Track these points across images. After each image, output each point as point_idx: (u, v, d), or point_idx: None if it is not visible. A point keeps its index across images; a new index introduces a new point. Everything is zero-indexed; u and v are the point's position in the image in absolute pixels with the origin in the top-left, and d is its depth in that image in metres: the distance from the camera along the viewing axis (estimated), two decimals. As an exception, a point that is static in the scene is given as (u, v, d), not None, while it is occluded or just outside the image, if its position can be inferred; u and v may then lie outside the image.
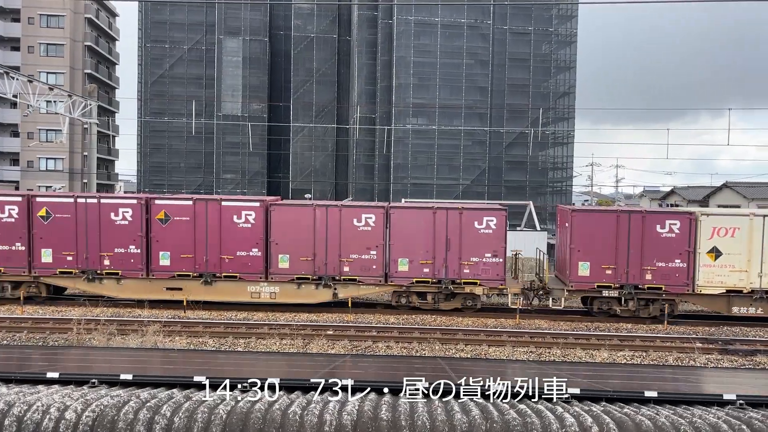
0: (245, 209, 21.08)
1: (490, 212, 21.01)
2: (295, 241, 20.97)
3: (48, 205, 21.40)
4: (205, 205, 21.10)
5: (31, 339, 17.26)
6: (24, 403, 6.04)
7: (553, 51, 52.62)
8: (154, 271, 21.20)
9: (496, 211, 21.08)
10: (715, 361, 16.38)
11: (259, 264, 21.03)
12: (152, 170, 53.95)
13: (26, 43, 55.20)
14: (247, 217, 21.03)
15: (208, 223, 21.02)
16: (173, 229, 21.04)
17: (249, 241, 21.00)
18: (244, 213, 21.05)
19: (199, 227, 21.08)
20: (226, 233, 21.01)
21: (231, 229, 20.99)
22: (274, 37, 54.01)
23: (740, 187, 46.90)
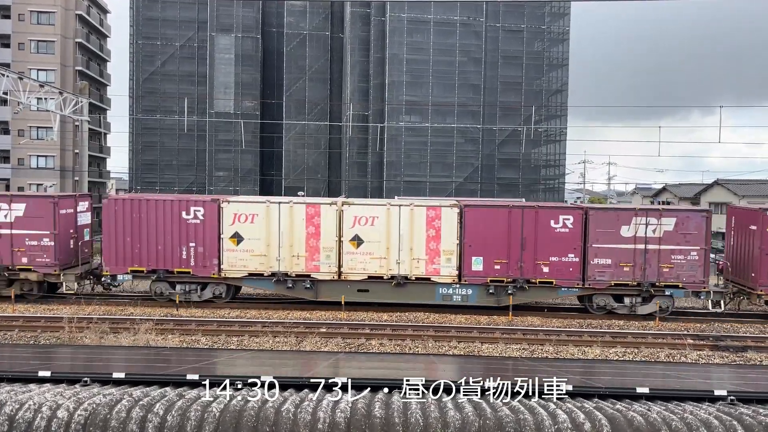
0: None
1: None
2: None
3: None
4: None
5: (23, 337, 17.18)
6: (16, 401, 6.02)
7: (546, 48, 52.72)
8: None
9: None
10: (706, 357, 16.48)
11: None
12: (144, 168, 53.72)
13: (17, 40, 54.81)
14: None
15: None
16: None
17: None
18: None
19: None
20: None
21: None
22: (266, 35, 53.86)
23: (731, 185, 47.18)
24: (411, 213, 20.86)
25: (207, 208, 20.97)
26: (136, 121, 53.13)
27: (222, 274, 21.06)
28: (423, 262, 20.88)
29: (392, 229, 20.86)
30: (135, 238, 20.95)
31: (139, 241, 20.94)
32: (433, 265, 20.89)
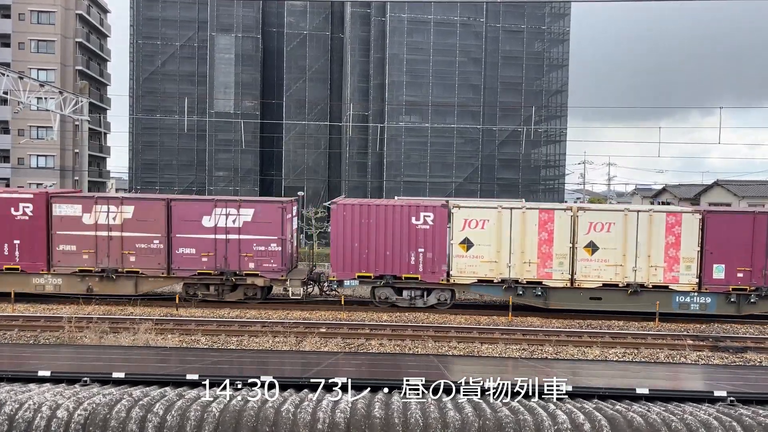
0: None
1: None
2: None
3: None
4: None
5: (23, 337, 17.18)
6: (15, 401, 6.01)
7: (546, 49, 52.75)
8: None
9: None
10: (706, 358, 16.49)
11: None
12: (144, 168, 53.74)
13: (17, 40, 54.81)
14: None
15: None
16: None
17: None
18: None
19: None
20: None
21: None
22: (266, 35, 53.87)
23: (731, 185, 47.20)
24: (649, 219, 20.38)
25: (437, 214, 20.75)
26: (136, 120, 53.14)
27: (450, 280, 20.90)
28: (661, 269, 20.45)
29: (629, 236, 20.42)
30: (363, 244, 20.79)
31: (367, 246, 20.79)
32: (672, 272, 20.46)
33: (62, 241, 21.23)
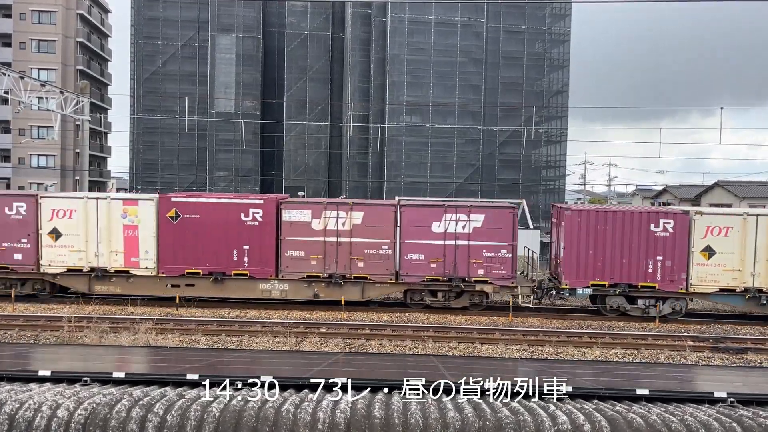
0: None
1: None
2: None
3: None
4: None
5: (23, 337, 17.18)
6: (16, 401, 6.02)
7: (547, 49, 52.72)
8: None
9: None
10: (706, 359, 16.48)
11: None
12: (145, 167, 53.76)
13: (18, 40, 54.84)
14: None
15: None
16: None
17: None
18: None
19: None
20: None
21: None
22: (267, 35, 53.87)
23: (732, 186, 47.18)
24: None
25: (678, 221, 20.41)
26: (137, 120, 53.16)
27: (690, 289, 20.57)
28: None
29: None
30: (598, 251, 20.51)
31: (602, 254, 20.52)
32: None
33: (291, 247, 21.05)
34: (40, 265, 21.36)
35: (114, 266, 21.32)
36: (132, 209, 21.26)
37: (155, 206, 21.19)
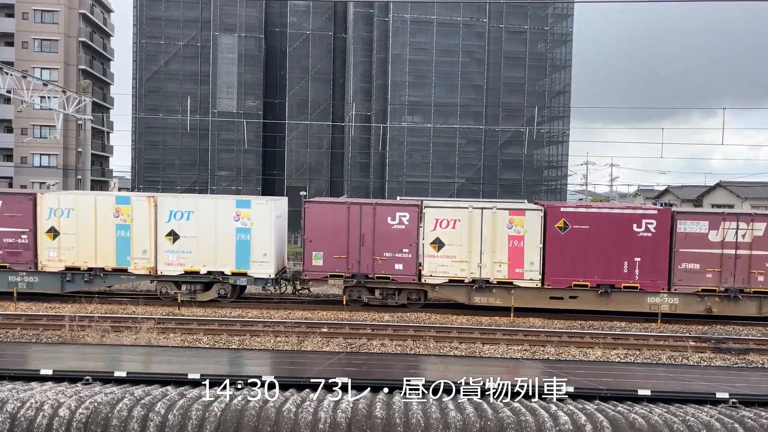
0: None
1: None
2: None
3: None
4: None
5: (25, 336, 17.20)
6: (17, 399, 6.02)
7: (549, 50, 52.72)
8: None
9: None
10: (708, 359, 16.45)
11: None
12: (147, 167, 53.83)
13: (20, 39, 54.92)
14: None
15: None
16: None
17: None
18: None
19: None
20: None
21: None
22: (269, 34, 53.92)
23: (734, 187, 47.13)
24: None
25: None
26: (139, 120, 53.23)
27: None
28: None
29: None
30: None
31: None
32: None
33: (685, 259, 20.58)
34: (421, 275, 21.01)
35: (497, 277, 20.91)
36: (518, 219, 20.85)
37: (542, 216, 20.81)
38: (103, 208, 21.10)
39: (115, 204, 21.22)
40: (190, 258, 21.03)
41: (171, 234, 20.98)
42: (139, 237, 21.03)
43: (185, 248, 20.96)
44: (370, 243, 20.84)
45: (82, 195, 22.74)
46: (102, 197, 22.06)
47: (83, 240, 21.04)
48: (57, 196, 21.60)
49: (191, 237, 20.95)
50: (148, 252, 21.02)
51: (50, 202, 21.13)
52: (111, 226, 21.05)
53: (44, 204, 21.11)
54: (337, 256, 20.87)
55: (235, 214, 21.01)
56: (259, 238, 20.97)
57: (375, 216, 20.93)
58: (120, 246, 21.07)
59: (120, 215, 21.04)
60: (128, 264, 21.14)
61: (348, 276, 21.03)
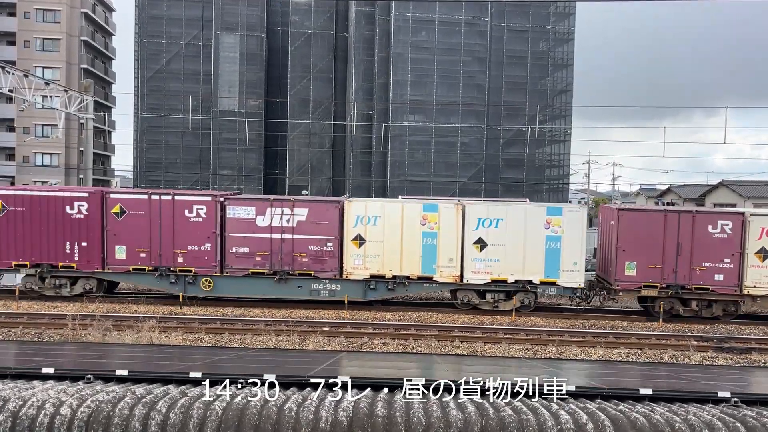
0: None
1: None
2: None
3: None
4: None
5: (27, 334, 17.23)
6: (19, 398, 6.03)
7: (551, 48, 52.63)
8: None
9: None
10: (710, 358, 16.44)
11: None
12: (148, 166, 53.83)
13: (22, 38, 54.95)
14: None
15: None
16: None
17: None
18: None
19: None
20: None
21: None
22: (271, 33, 53.90)
23: (736, 186, 47.05)
24: None
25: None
26: (141, 119, 53.22)
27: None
28: None
29: None
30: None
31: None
32: None
33: None
34: (743, 287, 20.67)
35: None
36: None
37: None
38: (410, 216, 20.89)
39: (422, 211, 20.96)
40: (498, 266, 20.74)
41: (478, 242, 20.79)
42: (445, 245, 20.79)
43: (493, 256, 20.72)
44: (688, 252, 20.44)
45: (390, 202, 22.83)
46: (409, 204, 21.65)
47: (389, 248, 20.85)
48: (364, 204, 21.51)
49: (499, 245, 20.69)
50: (455, 260, 20.80)
51: (357, 209, 20.98)
52: (417, 233, 20.85)
53: (351, 211, 20.94)
54: (652, 266, 20.53)
55: (546, 221, 20.70)
56: (569, 245, 20.61)
57: (694, 224, 20.50)
58: (426, 254, 20.87)
59: (427, 222, 20.85)
60: (434, 272, 20.92)
61: (663, 286, 20.68)
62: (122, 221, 21.02)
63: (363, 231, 20.89)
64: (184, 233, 20.98)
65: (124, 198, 21.39)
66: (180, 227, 20.97)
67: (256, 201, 21.52)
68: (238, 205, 21.22)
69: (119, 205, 21.08)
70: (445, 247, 20.80)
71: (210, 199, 21.12)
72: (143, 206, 21.06)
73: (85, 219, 21.05)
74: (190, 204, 21.07)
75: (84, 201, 21.08)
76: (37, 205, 21.00)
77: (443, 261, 20.85)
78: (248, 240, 21.06)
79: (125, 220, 21.03)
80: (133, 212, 21.01)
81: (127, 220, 21.04)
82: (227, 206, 21.05)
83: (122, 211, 21.05)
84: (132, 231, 21.07)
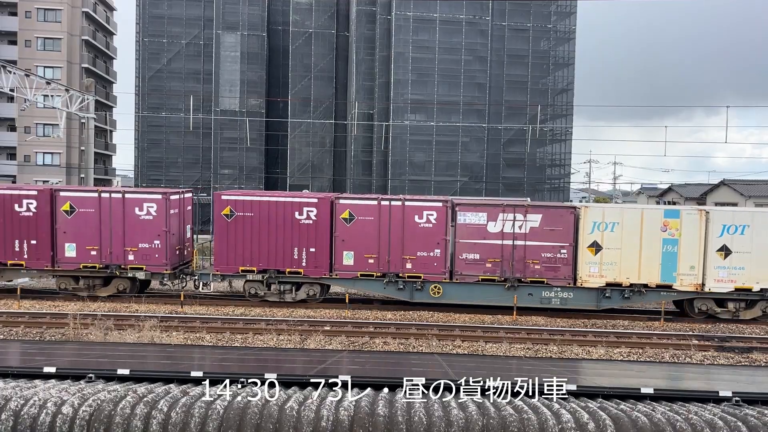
0: None
1: None
2: None
3: None
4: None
5: (28, 334, 17.25)
6: (21, 397, 6.04)
7: (552, 48, 52.61)
8: None
9: None
10: (711, 358, 16.43)
11: None
12: (149, 165, 53.88)
13: (23, 37, 55.01)
14: None
15: None
16: None
17: None
18: None
19: None
20: None
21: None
22: (272, 33, 53.90)
23: (737, 185, 47.02)
24: None
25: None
26: (142, 118, 53.26)
27: None
28: None
29: None
30: None
31: None
32: None
33: None
34: None
35: None
36: None
37: None
38: (650, 222, 20.45)
39: (663, 217, 20.54)
40: (743, 275, 20.33)
41: (722, 249, 20.35)
42: (686, 252, 20.35)
43: (738, 264, 20.28)
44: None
45: (629, 208, 22.55)
46: (650, 210, 21.18)
47: (627, 255, 20.44)
48: (602, 210, 21.18)
49: (745, 252, 20.28)
50: (696, 268, 20.39)
51: (594, 215, 20.63)
52: (657, 240, 20.41)
53: (588, 217, 20.57)
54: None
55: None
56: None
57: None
58: (666, 261, 20.44)
59: (668, 229, 20.46)
60: (673, 280, 20.48)
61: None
62: (350, 227, 20.87)
63: (599, 238, 20.54)
64: (414, 239, 20.78)
65: (352, 204, 21.20)
66: (410, 233, 20.77)
67: (488, 207, 21.19)
68: (469, 210, 20.91)
69: (348, 211, 20.93)
70: (686, 254, 20.36)
71: (441, 205, 20.92)
72: (372, 212, 20.84)
73: (314, 225, 20.93)
74: (421, 210, 20.89)
75: (313, 207, 20.99)
76: (266, 210, 20.95)
77: (684, 269, 20.44)
78: (479, 246, 20.77)
79: (353, 226, 20.86)
80: (361, 218, 20.84)
81: (356, 225, 20.85)
82: (458, 212, 20.79)
83: (351, 217, 20.89)
84: (359, 237, 20.85)
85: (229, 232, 20.91)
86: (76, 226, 21.20)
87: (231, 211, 20.90)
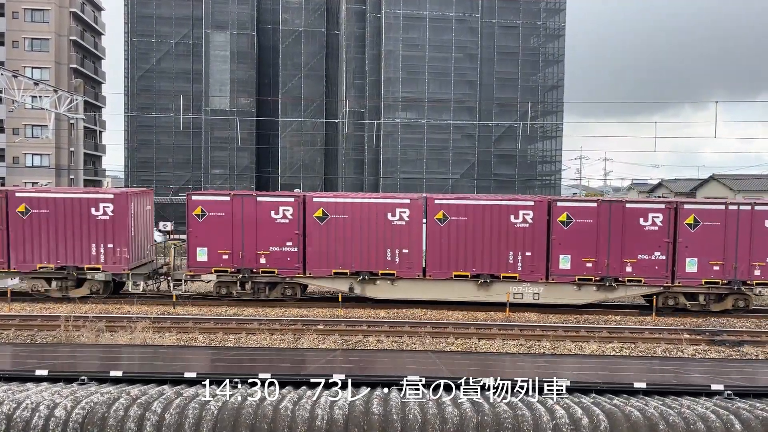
0: None
1: None
2: None
3: None
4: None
5: (19, 336, 17.13)
6: (13, 401, 6.00)
7: (542, 45, 52.75)
8: None
9: None
10: (702, 352, 16.53)
11: None
12: (140, 166, 53.65)
13: (11, 38, 54.58)
14: None
15: None
16: None
17: None
18: None
19: None
20: None
21: None
22: (261, 32, 53.76)
23: (727, 180, 47.31)
24: None
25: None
26: (132, 118, 53.02)
27: None
28: None
29: None
30: None
31: None
32: None
33: None
34: None
35: None
36: None
37: None
38: None
39: None
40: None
41: None
42: None
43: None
44: None
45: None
46: None
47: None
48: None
49: None
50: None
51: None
52: None
53: None
54: None
55: None
56: None
57: None
58: None
59: None
60: None
61: None
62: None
63: None
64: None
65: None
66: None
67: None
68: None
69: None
70: None
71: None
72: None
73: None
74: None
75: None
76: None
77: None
78: None
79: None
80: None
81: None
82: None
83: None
84: None
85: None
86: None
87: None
